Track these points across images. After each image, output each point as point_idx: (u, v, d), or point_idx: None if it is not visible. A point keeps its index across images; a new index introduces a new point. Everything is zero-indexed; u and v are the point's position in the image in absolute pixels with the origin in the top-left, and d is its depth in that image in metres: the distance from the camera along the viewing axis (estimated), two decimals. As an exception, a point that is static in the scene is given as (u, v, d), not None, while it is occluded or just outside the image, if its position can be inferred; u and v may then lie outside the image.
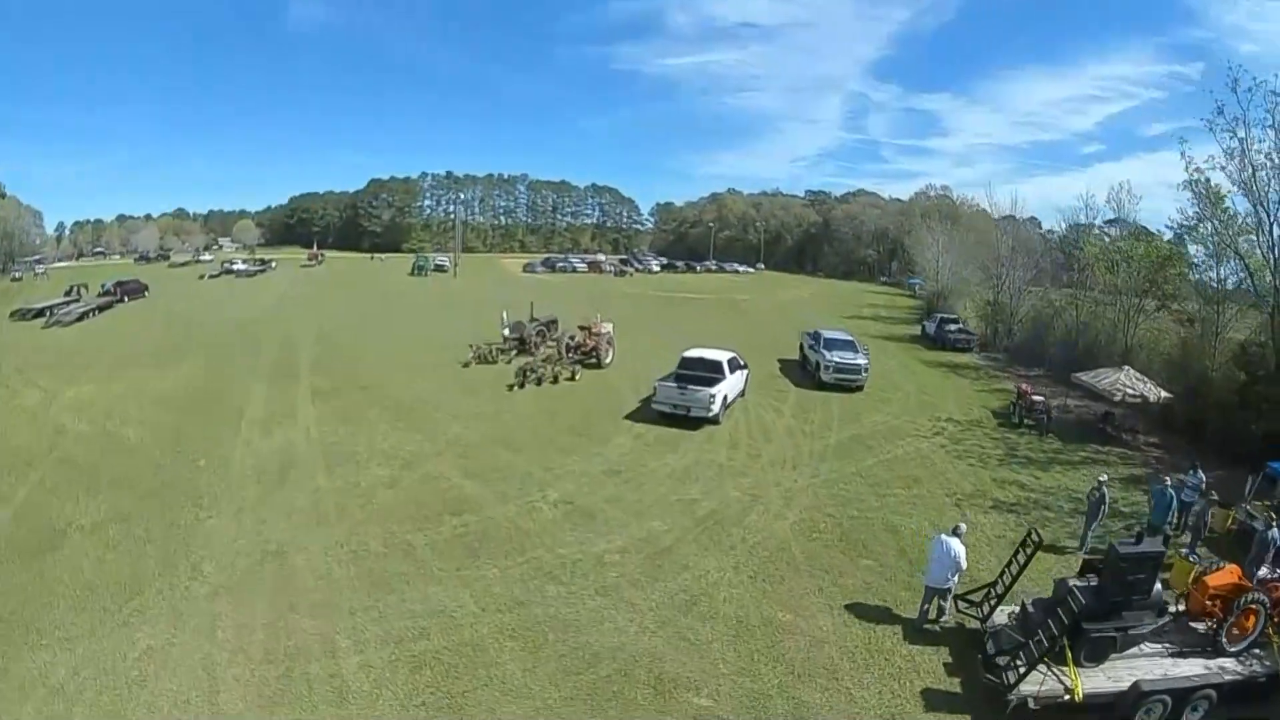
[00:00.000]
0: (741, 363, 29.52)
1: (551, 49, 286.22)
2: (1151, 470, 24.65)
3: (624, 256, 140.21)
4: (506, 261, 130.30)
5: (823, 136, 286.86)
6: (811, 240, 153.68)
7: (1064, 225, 53.63)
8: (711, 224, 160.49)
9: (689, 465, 21.47)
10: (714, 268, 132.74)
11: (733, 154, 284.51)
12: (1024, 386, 31.90)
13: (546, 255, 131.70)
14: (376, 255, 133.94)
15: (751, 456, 22.78)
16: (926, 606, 13.79)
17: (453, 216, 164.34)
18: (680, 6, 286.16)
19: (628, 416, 26.53)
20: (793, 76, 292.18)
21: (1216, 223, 30.75)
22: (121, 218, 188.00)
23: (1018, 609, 13.27)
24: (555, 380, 31.31)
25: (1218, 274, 32.12)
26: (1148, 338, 36.70)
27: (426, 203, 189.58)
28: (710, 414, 25.06)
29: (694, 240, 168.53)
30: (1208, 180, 29.89)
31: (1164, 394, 28.86)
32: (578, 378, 31.93)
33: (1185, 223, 32.61)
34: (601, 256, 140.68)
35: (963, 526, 14.41)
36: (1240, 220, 29.66)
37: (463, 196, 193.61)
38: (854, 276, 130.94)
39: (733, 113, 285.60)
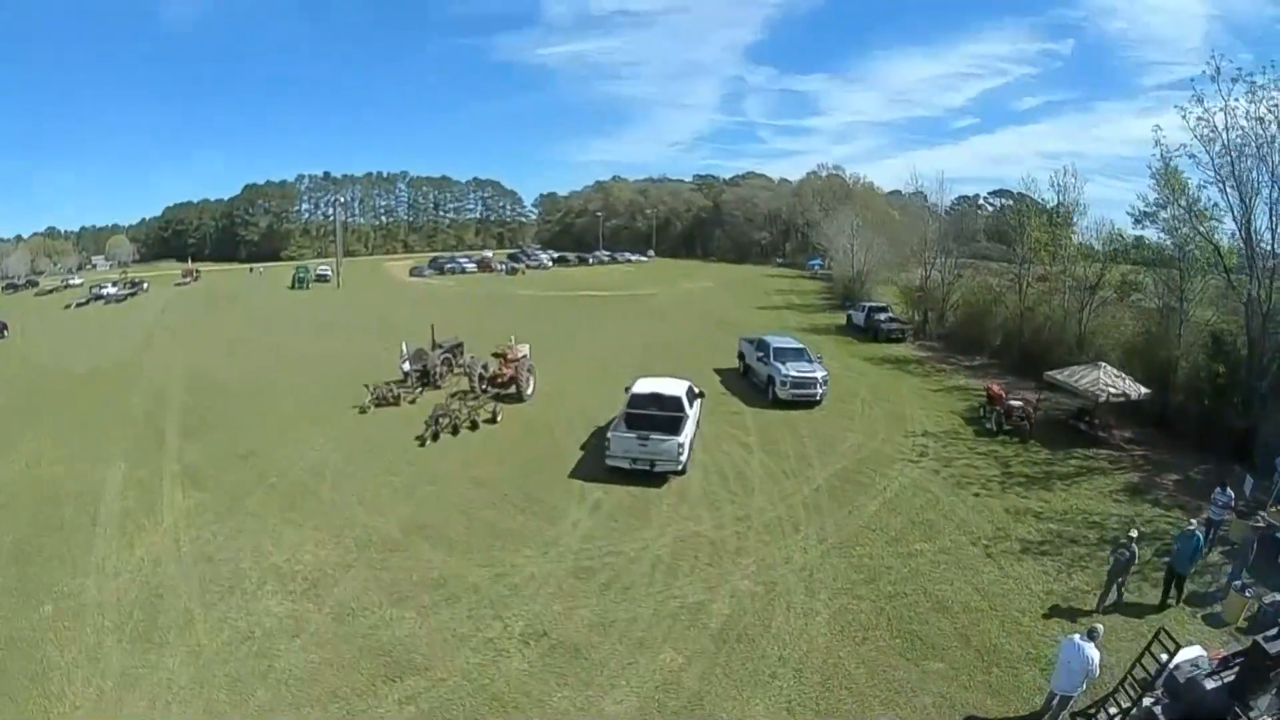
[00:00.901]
0: (697, 391, 25.29)
1: (425, 42, 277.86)
2: (1145, 477, 23.27)
3: (514, 252, 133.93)
4: (391, 265, 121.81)
5: (699, 120, 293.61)
6: (702, 225, 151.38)
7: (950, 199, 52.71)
8: (598, 213, 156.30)
9: (673, 546, 17.03)
10: (606, 258, 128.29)
11: (610, 141, 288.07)
12: (994, 389, 29.26)
13: (434, 256, 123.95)
14: (255, 267, 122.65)
15: (739, 520, 18.58)
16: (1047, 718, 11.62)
17: (332, 220, 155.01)
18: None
19: (575, 474, 21.62)
20: (669, 62, 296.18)
21: (1180, 208, 29.29)
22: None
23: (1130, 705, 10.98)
24: (473, 425, 26.03)
25: (1180, 261, 30.45)
26: (1102, 325, 34.71)
27: (305, 206, 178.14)
28: (679, 468, 20.77)
29: (581, 230, 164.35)
30: (1174, 166, 28.65)
31: (1144, 390, 26.74)
32: (499, 418, 26.74)
33: (1146, 209, 30.63)
34: (489, 253, 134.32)
35: (1100, 629, 11.61)
36: (1209, 205, 28.41)
37: (342, 198, 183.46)
38: (747, 260, 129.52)
39: (610, 100, 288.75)
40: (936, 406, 30.74)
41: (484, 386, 29.37)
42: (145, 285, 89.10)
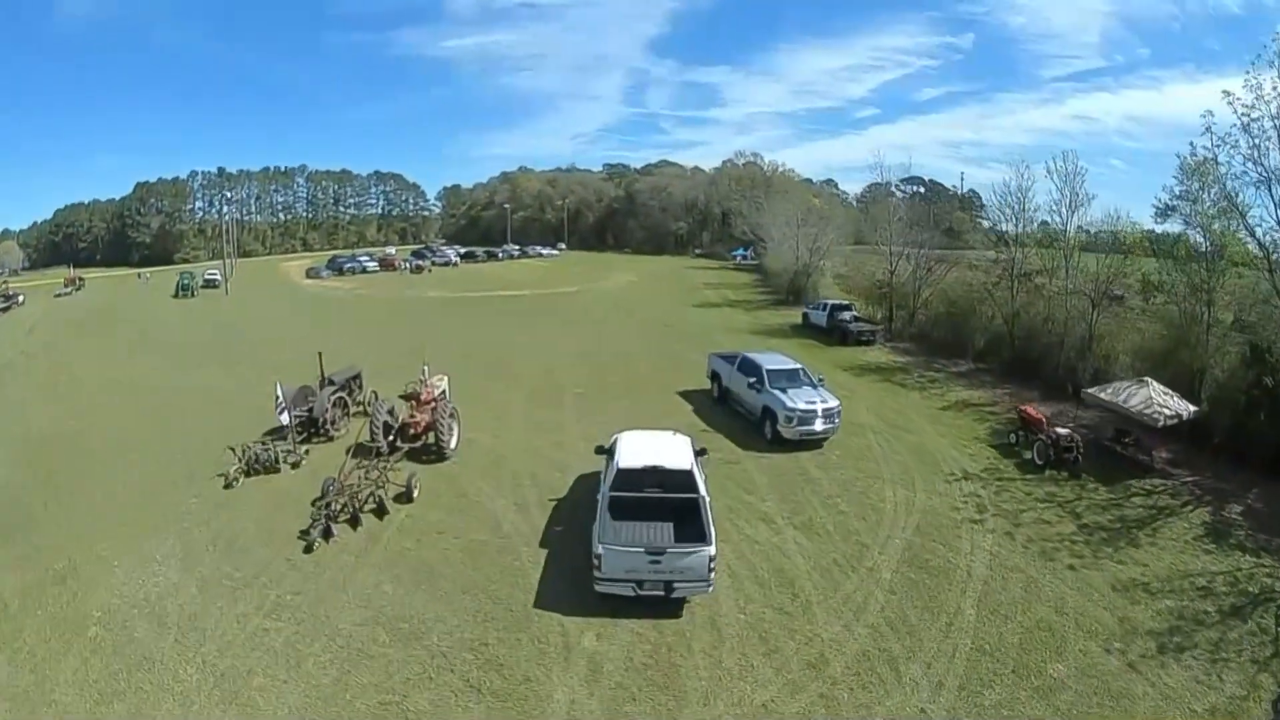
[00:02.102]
0: (699, 447, 18.66)
1: (323, 35, 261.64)
2: (1213, 512, 19.82)
3: (419, 249, 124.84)
4: (288, 265, 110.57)
5: (603, 112, 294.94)
6: (614, 216, 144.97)
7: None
8: (505, 205, 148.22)
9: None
10: (516, 253, 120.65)
11: (515, 134, 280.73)
12: (1030, 412, 24.42)
13: (334, 255, 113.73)
14: (142, 273, 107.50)
15: (812, 666, 12.64)
16: None
17: (226, 218, 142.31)
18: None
19: (545, 601, 14.48)
20: (573, 55, 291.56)
21: (1211, 200, 26.78)
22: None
23: None
24: (379, 510, 18.06)
25: (1208, 258, 27.26)
26: (1113, 328, 30.79)
27: (198, 205, 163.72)
28: (709, 589, 14.19)
29: (488, 224, 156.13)
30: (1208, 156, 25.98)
31: (1192, 409, 22.97)
32: (415, 492, 19.00)
33: (1171, 203, 27.16)
34: (393, 250, 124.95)
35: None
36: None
37: (236, 195, 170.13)
38: (664, 251, 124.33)
39: (513, 93, 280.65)
40: (957, 433, 25.83)
41: (392, 440, 21.88)
42: (21, 298, 77.36)
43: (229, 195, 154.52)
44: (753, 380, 25.15)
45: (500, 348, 38.71)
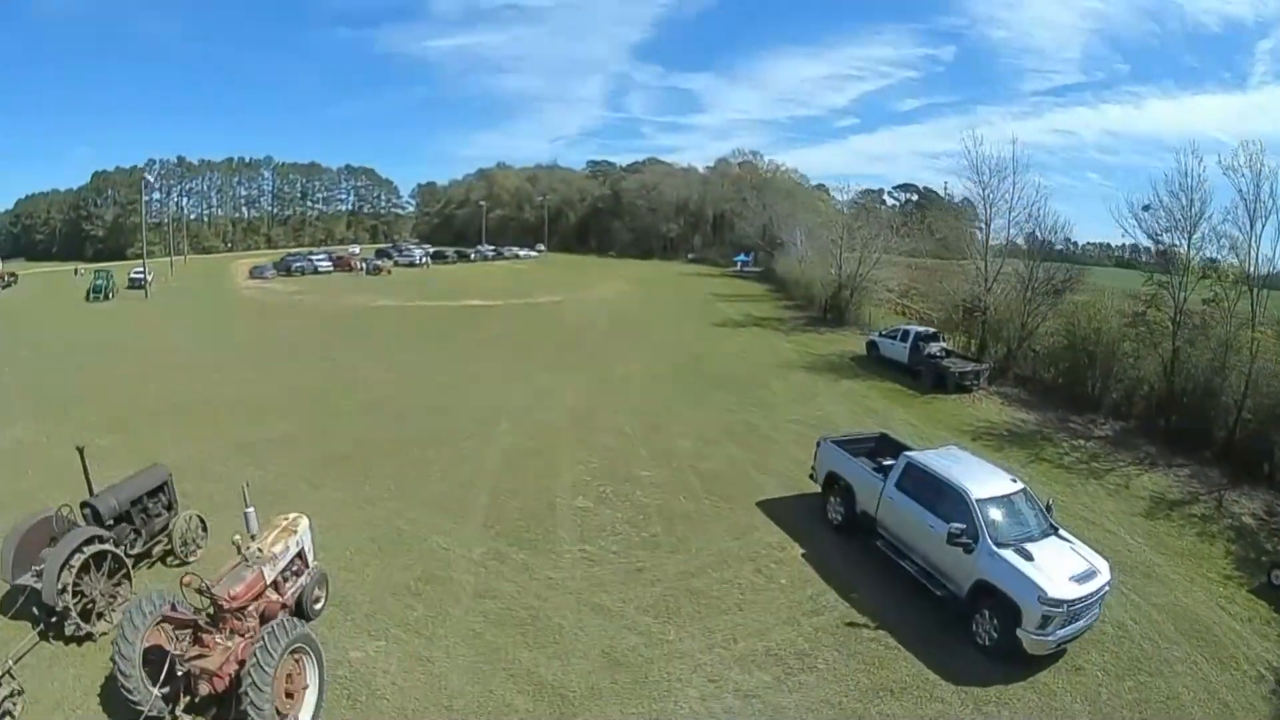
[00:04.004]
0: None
1: (303, 30, 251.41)
2: None
3: (383, 248, 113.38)
4: (242, 264, 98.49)
5: (585, 116, 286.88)
6: (599, 216, 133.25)
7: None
8: (481, 202, 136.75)
9: None
10: (490, 254, 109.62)
11: (493, 134, 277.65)
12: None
13: (289, 253, 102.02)
14: (80, 268, 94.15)
15: None
16: None
17: (183, 213, 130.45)
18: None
19: None
20: (556, 58, 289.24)
21: None
22: None
23: None
24: None
25: None
26: None
27: (155, 197, 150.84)
28: None
29: (462, 222, 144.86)
30: None
31: None
32: None
33: None
34: (356, 249, 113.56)
35: None
36: None
37: (197, 186, 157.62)
38: (653, 255, 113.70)
39: (494, 93, 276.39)
40: (1196, 567, 16.22)
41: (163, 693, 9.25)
42: None
43: (188, 187, 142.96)
44: (956, 528, 12.68)
45: (448, 404, 26.20)
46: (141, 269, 68.80)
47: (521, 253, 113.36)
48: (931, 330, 33.71)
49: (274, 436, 21.96)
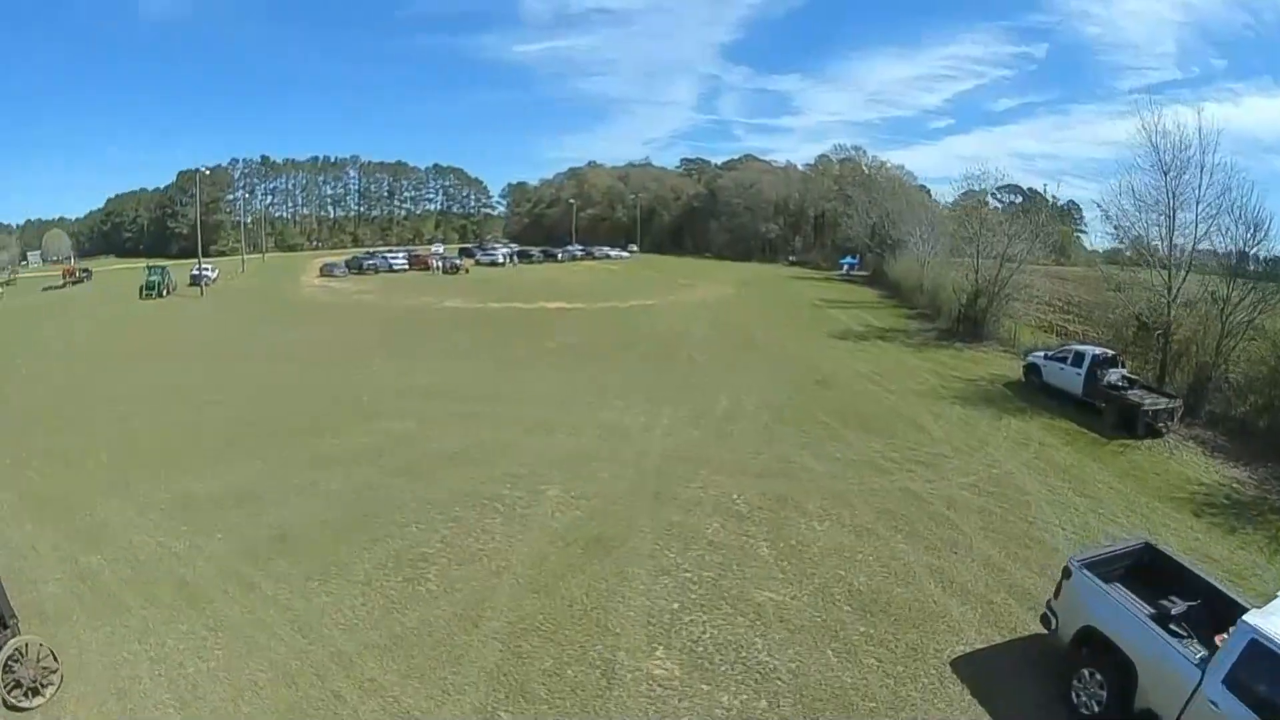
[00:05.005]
0: None
1: (398, 37, 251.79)
2: None
3: (467, 247, 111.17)
4: (315, 262, 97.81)
5: (676, 118, 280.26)
6: (694, 215, 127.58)
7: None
8: (572, 200, 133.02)
9: None
10: (580, 253, 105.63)
11: (584, 136, 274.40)
12: None
13: (369, 252, 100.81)
14: (153, 266, 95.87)
15: None
16: None
17: (267, 208, 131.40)
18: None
19: None
20: (646, 60, 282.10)
21: None
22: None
23: None
24: None
25: None
26: None
27: (239, 195, 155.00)
28: None
29: (553, 222, 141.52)
30: None
31: None
32: None
33: None
34: (439, 248, 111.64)
35: None
36: None
37: (281, 185, 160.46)
38: (751, 256, 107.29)
39: (584, 97, 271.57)
40: None
41: None
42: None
43: (272, 185, 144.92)
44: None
45: (479, 448, 20.24)
46: (208, 266, 69.77)
47: (613, 253, 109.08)
48: (1110, 353, 26.76)
49: (173, 497, 16.79)
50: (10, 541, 14.80)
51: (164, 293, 60.55)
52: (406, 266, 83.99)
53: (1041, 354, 28.94)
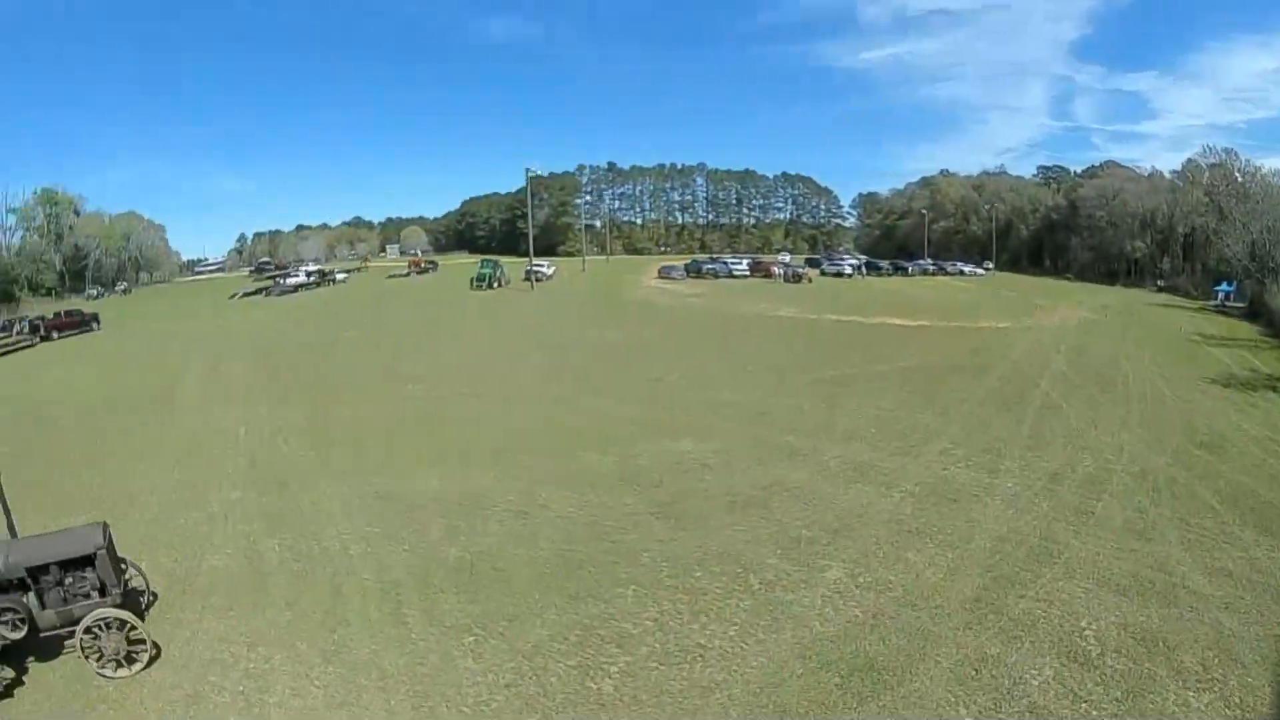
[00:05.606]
0: None
1: (741, 49, 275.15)
2: None
3: (814, 257, 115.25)
4: (654, 265, 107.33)
5: (1029, 125, 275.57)
6: (1052, 230, 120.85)
7: None
8: (924, 211, 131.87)
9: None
10: (931, 268, 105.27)
11: (934, 146, 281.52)
12: None
13: (712, 257, 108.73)
14: (485, 260, 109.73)
15: None
16: None
17: (612, 214, 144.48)
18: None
19: None
20: (992, 62, 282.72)
21: None
22: (300, 228, 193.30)
23: None
24: None
25: None
26: None
27: (586, 199, 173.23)
28: None
29: (905, 234, 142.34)
30: None
31: None
32: None
33: None
34: (786, 256, 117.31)
35: None
36: None
37: (627, 191, 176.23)
38: (1115, 279, 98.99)
39: (931, 103, 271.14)
40: None
41: None
42: (340, 276, 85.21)
43: (619, 191, 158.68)
44: None
45: (787, 498, 16.85)
46: (543, 264, 78.88)
47: (966, 269, 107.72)
48: None
49: (387, 491, 17.05)
50: (209, 505, 15.84)
51: (494, 285, 69.24)
52: (748, 273, 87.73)
53: None
